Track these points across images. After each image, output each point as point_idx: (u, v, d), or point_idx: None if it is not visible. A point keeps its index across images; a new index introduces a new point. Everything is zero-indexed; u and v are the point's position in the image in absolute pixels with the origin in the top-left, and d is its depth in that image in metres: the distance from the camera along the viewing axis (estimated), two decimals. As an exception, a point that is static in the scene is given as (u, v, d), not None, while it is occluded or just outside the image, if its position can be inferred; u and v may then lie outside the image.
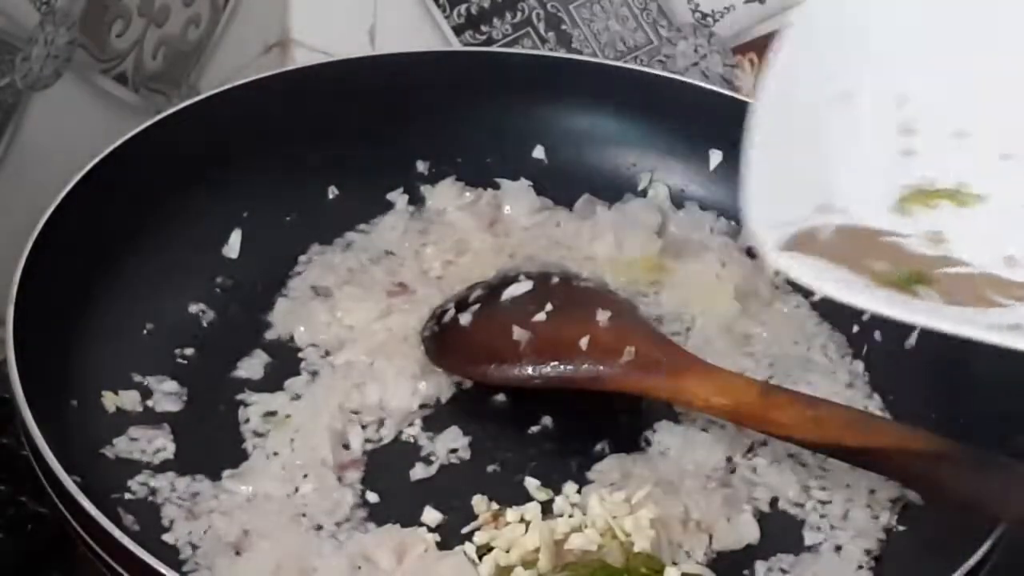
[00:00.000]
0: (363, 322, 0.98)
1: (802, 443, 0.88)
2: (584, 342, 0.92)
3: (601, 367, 0.91)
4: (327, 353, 0.97)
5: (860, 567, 0.87)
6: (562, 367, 0.92)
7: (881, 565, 0.87)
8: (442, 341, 0.96)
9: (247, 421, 0.92)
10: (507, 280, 0.98)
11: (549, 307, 0.94)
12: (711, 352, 0.96)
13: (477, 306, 0.97)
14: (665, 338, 0.96)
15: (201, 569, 0.84)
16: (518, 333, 0.93)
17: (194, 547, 0.85)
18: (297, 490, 0.88)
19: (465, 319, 0.96)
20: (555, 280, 0.98)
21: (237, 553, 0.84)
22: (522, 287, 0.97)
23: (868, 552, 0.88)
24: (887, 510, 0.90)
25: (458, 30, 1.24)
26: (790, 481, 0.91)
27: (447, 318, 0.97)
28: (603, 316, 0.93)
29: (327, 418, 0.92)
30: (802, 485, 0.91)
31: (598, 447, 0.92)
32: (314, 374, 0.96)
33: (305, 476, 0.89)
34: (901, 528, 0.89)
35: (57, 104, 1.13)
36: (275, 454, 0.90)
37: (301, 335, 0.98)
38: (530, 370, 0.93)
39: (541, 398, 0.94)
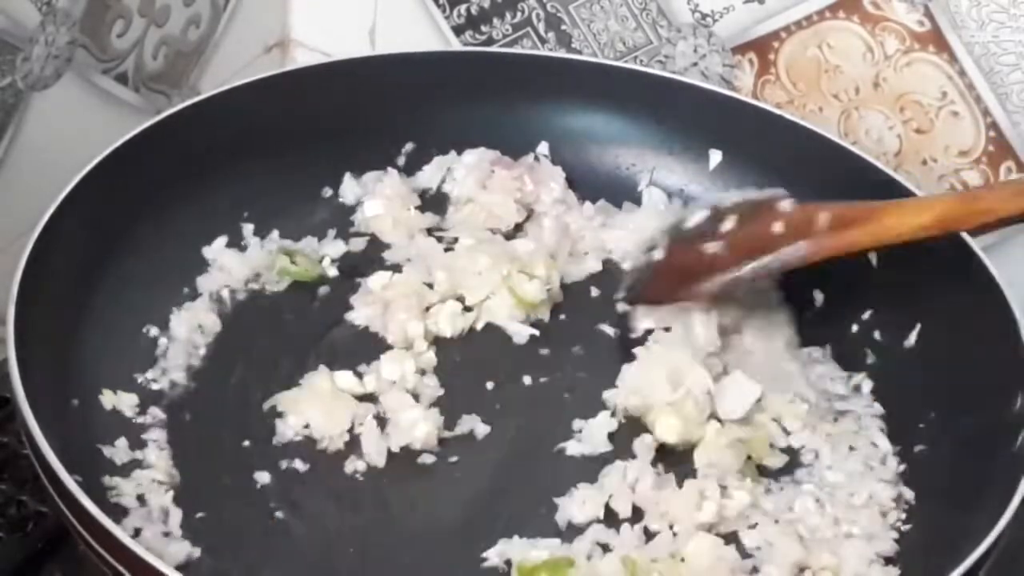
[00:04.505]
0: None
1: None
2: (778, 226, 0.95)
3: (802, 241, 0.94)
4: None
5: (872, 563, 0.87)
6: (767, 257, 0.95)
7: (889, 564, 0.87)
8: (645, 282, 1.00)
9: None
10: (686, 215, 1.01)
11: (731, 220, 0.97)
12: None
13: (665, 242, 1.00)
14: (846, 202, 0.97)
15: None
16: (712, 247, 0.97)
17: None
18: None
19: (658, 254, 1.00)
20: (728, 203, 0.99)
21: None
22: (700, 214, 0.99)
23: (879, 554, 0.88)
24: (892, 509, 0.90)
25: (458, 30, 1.25)
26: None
27: (644, 263, 1.01)
28: (786, 204, 0.96)
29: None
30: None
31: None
32: None
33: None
34: (905, 528, 0.89)
35: (58, 104, 1.13)
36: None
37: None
38: (742, 269, 0.96)
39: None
